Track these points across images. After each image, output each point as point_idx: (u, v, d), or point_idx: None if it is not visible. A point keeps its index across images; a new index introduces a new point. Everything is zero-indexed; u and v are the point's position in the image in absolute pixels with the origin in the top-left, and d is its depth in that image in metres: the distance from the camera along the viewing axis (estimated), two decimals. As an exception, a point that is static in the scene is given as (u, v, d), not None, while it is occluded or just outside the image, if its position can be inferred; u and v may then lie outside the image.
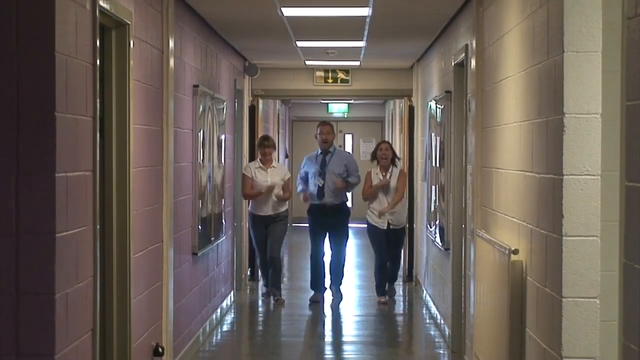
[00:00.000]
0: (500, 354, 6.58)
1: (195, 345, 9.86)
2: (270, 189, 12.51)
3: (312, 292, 12.96)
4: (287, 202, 13.02)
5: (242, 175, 12.92)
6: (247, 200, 13.31)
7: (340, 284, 13.04)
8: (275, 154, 13.16)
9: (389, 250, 12.67)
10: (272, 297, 12.70)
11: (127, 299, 6.88)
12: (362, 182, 12.87)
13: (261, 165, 12.73)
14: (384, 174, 12.63)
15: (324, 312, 12.06)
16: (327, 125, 13.26)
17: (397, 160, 12.99)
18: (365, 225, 12.88)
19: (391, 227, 12.57)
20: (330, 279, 13.02)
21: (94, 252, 5.83)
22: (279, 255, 12.77)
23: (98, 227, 5.91)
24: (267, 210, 12.61)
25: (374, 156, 12.89)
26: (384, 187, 12.55)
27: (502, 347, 6.49)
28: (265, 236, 12.69)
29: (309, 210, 13.18)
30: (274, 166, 12.77)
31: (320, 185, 12.73)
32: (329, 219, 12.78)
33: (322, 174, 12.77)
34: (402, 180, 12.71)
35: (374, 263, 12.88)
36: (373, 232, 12.66)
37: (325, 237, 12.94)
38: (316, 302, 12.67)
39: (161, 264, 8.18)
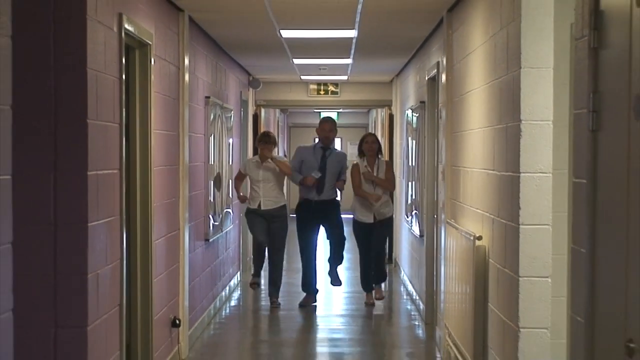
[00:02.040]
0: (466, 325, 6.59)
1: (207, 317, 9.86)
2: (265, 176, 10.62)
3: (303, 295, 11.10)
4: (284, 196, 11.02)
5: (238, 171, 11.23)
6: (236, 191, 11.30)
7: (340, 263, 11.15)
8: (275, 151, 11.23)
9: (374, 245, 10.76)
10: (270, 299, 10.92)
11: (149, 279, 6.88)
12: (348, 179, 10.93)
13: (258, 159, 10.73)
14: (370, 167, 10.73)
15: (317, 289, 11.98)
16: (330, 123, 11.12)
17: (381, 152, 11.10)
18: (350, 216, 10.92)
19: (377, 219, 10.66)
20: (330, 258, 11.06)
21: (121, 238, 5.83)
22: (280, 261, 10.89)
23: (124, 217, 5.92)
24: (259, 204, 10.65)
25: (360, 150, 10.92)
26: (373, 182, 10.62)
27: (468, 319, 6.49)
28: (263, 226, 10.70)
29: (299, 206, 10.97)
30: (269, 160, 10.63)
31: (317, 177, 10.62)
32: (322, 212, 10.70)
33: (322, 168, 10.67)
34: (389, 170, 10.87)
35: (359, 263, 11.06)
36: (358, 228, 10.80)
37: (317, 233, 10.96)
38: (306, 306, 10.85)
39: (178, 249, 8.18)
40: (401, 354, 8.75)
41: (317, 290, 11.05)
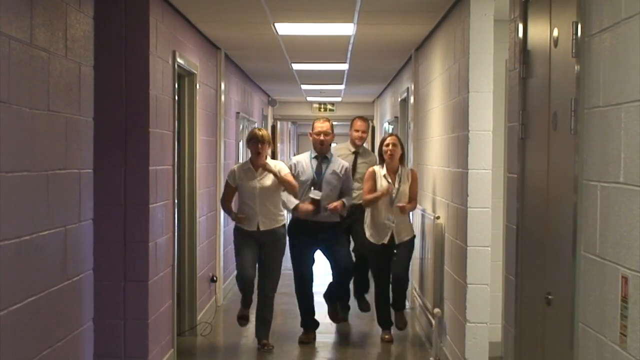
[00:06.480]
0: (428, 281, 6.57)
1: (237, 275, 9.83)
2: (261, 198, 6.21)
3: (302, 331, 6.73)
4: (283, 216, 6.42)
5: (225, 183, 6.45)
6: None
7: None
8: (268, 151, 6.35)
9: (391, 270, 6.50)
10: (257, 344, 6.36)
11: (194, 246, 6.87)
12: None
13: (251, 166, 6.26)
14: (392, 176, 6.46)
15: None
16: (327, 122, 6.60)
17: (405, 158, 6.76)
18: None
19: (395, 241, 6.45)
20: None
21: (173, 216, 5.82)
22: (273, 294, 6.37)
23: (176, 200, 5.91)
24: (257, 225, 6.20)
25: (380, 154, 6.55)
26: (393, 199, 6.44)
27: (429, 277, 6.48)
28: (253, 253, 6.21)
29: (291, 226, 6.48)
30: (266, 164, 6.20)
31: (317, 198, 6.34)
32: (321, 235, 6.41)
33: (317, 184, 6.40)
34: (414, 185, 6.51)
35: (374, 291, 6.76)
36: (370, 251, 6.62)
37: (313, 259, 6.66)
38: (307, 343, 6.55)
39: (215, 224, 8.17)
40: (379, 302, 8.66)
41: (318, 324, 6.76)
